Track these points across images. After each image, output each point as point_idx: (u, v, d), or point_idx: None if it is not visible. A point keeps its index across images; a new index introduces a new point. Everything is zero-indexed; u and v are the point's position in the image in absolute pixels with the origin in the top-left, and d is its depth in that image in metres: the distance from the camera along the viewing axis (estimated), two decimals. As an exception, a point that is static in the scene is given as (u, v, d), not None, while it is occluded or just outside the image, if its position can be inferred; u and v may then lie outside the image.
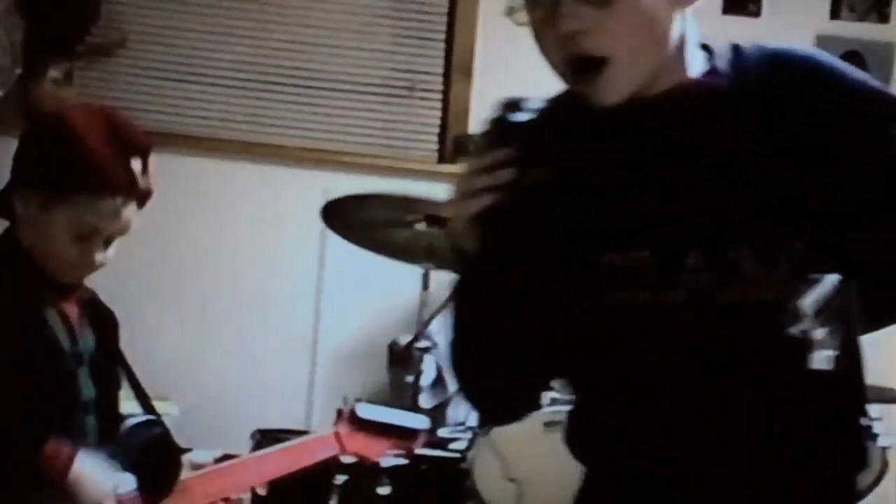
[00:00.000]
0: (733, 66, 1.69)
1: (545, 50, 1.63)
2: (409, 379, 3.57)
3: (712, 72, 1.68)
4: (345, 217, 3.54)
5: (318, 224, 3.68)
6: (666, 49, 1.64)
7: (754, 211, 1.63)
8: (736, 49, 1.71)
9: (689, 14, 1.67)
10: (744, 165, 1.64)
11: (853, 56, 4.74)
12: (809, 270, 1.58)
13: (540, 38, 1.63)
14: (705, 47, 1.71)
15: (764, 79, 1.67)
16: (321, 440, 2.84)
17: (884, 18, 4.77)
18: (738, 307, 1.62)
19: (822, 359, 1.55)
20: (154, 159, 2.53)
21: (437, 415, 3.78)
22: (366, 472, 3.11)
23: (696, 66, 1.68)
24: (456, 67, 4.71)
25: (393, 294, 4.33)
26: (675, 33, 1.64)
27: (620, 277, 1.64)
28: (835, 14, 4.74)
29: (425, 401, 3.58)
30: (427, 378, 3.62)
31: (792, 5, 4.73)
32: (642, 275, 1.64)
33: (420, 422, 2.96)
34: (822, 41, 4.71)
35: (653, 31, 1.62)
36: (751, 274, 1.62)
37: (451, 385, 3.77)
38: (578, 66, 1.60)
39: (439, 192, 3.50)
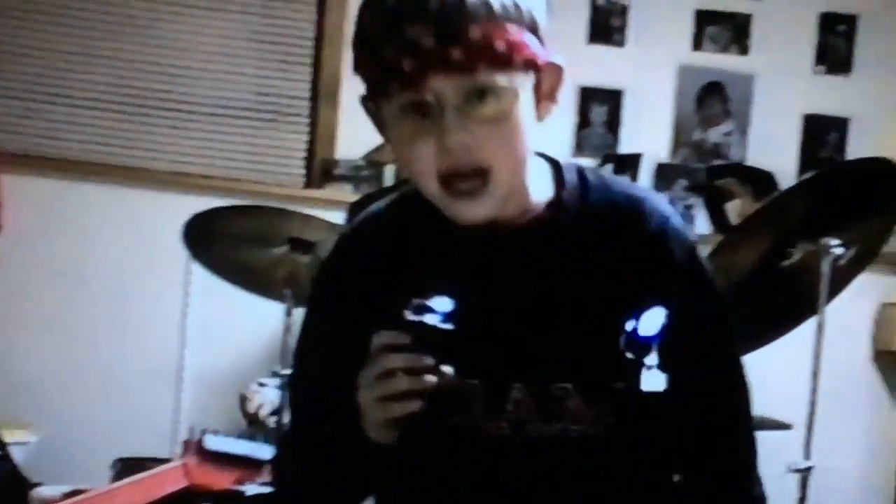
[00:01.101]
0: (578, 203, 1.70)
1: (414, 160, 1.59)
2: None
3: (558, 203, 1.70)
4: (206, 237, 3.50)
5: (184, 249, 3.64)
6: (526, 165, 1.64)
7: (583, 352, 1.66)
8: (583, 182, 1.72)
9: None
10: (574, 305, 1.67)
11: (715, 86, 4.84)
12: (630, 411, 1.66)
13: (410, 145, 1.59)
14: (546, 158, 1.73)
15: (605, 223, 1.69)
16: (169, 472, 2.82)
17: (744, 50, 4.87)
18: (559, 442, 1.67)
19: None
20: (16, 181, 2.48)
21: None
22: (230, 500, 3.08)
23: (538, 184, 1.69)
24: (322, 92, 4.71)
25: (259, 320, 4.31)
26: (529, 154, 1.64)
27: (450, 402, 1.64)
28: (697, 45, 4.83)
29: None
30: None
31: (655, 36, 4.81)
32: (471, 402, 1.66)
33: (265, 451, 2.95)
34: (685, 71, 4.81)
35: (526, 141, 1.62)
36: (573, 410, 1.66)
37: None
38: (455, 177, 1.58)
39: (305, 215, 3.51)
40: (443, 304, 1.55)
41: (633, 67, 4.77)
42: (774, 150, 4.86)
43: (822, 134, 4.90)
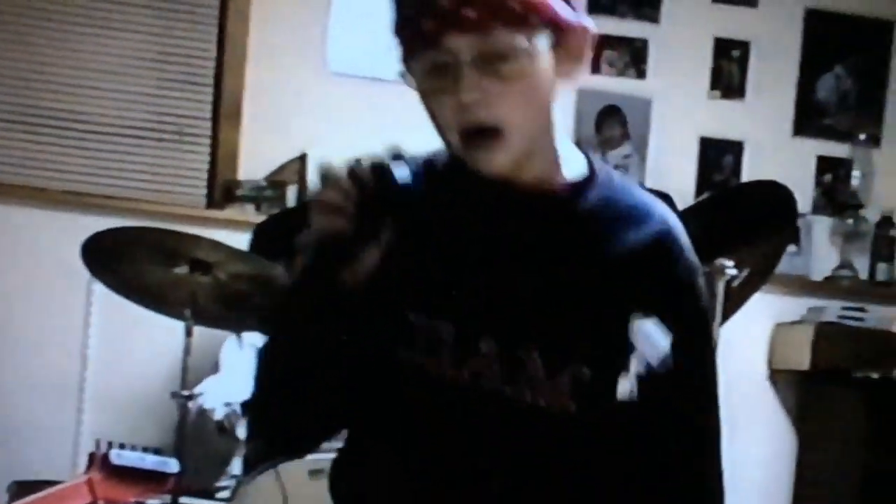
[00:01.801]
0: (604, 196, 1.75)
1: (439, 116, 1.68)
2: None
3: (585, 186, 1.75)
4: (106, 256, 3.48)
5: (85, 269, 3.62)
6: (547, 126, 1.71)
7: (557, 323, 1.70)
8: (612, 179, 1.78)
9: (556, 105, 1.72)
10: (565, 282, 1.71)
11: (613, 109, 4.91)
12: (588, 395, 1.68)
13: (435, 104, 1.68)
14: (583, 151, 1.79)
15: (620, 223, 1.73)
16: (73, 488, 2.79)
17: (641, 74, 4.94)
18: (511, 402, 1.69)
19: None
20: None
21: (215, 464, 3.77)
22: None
23: (571, 164, 1.76)
24: (224, 112, 4.69)
25: (161, 338, 4.28)
26: (552, 114, 1.71)
27: (418, 340, 1.71)
28: (595, 69, 4.90)
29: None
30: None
31: (555, 59, 4.86)
32: (438, 344, 1.70)
33: (171, 465, 2.94)
34: (584, 95, 4.86)
35: (543, 102, 1.68)
36: (532, 377, 1.69)
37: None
38: (473, 133, 1.65)
39: (206, 237, 3.50)
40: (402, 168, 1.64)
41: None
42: (672, 172, 4.93)
43: (717, 157, 4.99)
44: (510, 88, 1.64)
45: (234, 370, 3.94)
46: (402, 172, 1.65)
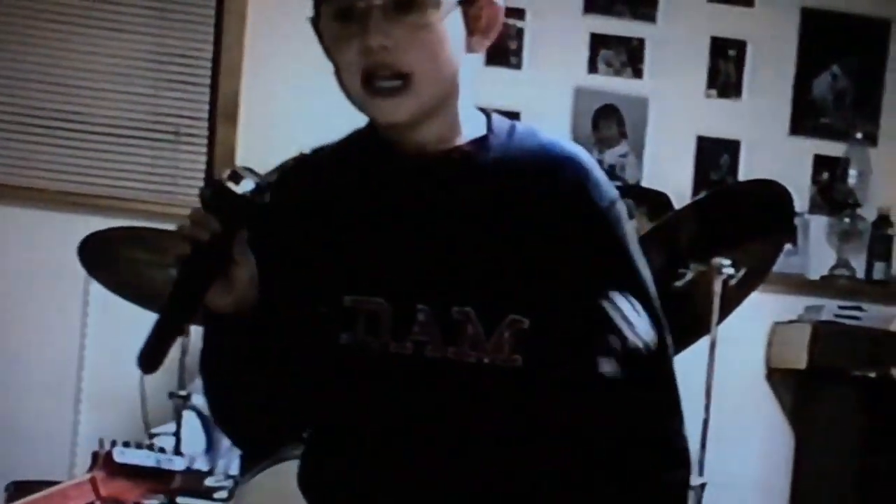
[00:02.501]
0: (504, 145, 1.76)
1: (343, 62, 1.69)
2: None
3: (484, 140, 1.76)
4: (103, 256, 3.48)
5: (82, 268, 3.62)
6: (453, 83, 1.73)
7: (485, 279, 1.71)
8: (512, 129, 1.79)
9: (463, 68, 1.73)
10: (484, 237, 1.72)
11: (610, 109, 4.91)
12: (531, 345, 1.69)
13: (340, 48, 1.69)
14: (485, 112, 1.80)
15: (525, 167, 1.74)
16: (75, 486, 2.78)
17: (638, 74, 4.95)
18: (457, 365, 1.70)
19: None
20: None
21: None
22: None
23: (471, 125, 1.77)
24: (220, 112, 4.69)
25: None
26: (457, 77, 1.73)
27: (356, 321, 1.72)
28: (592, 68, 4.90)
29: (200, 462, 3.56)
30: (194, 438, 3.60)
31: (551, 59, 4.87)
32: (376, 322, 1.72)
33: (176, 463, 2.93)
34: (581, 94, 4.87)
35: (450, 58, 1.70)
36: (472, 336, 1.70)
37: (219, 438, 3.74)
38: (376, 78, 1.67)
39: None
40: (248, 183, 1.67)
41: (530, 90, 4.82)
42: (669, 171, 4.93)
43: (714, 156, 4.99)
44: (418, 37, 1.67)
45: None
46: (246, 185, 1.67)
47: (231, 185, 1.67)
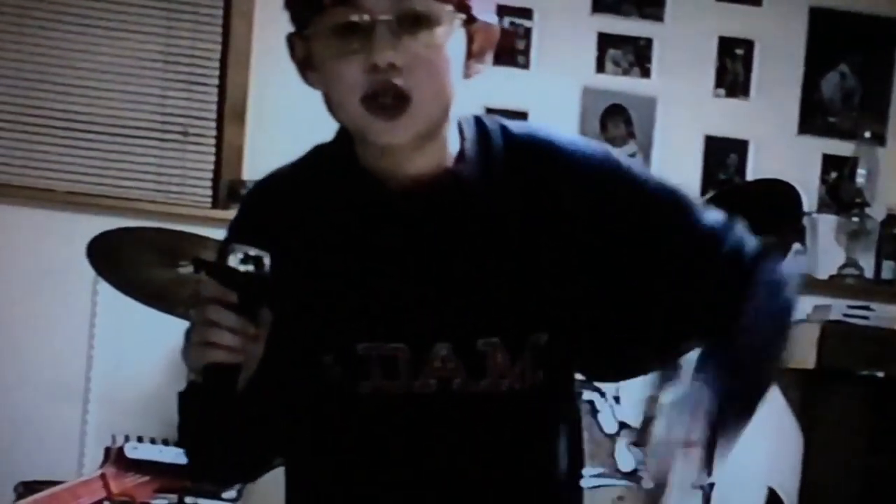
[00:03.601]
0: (480, 154, 1.67)
1: (339, 81, 1.59)
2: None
3: (461, 157, 1.66)
4: (112, 256, 3.48)
5: (90, 268, 3.62)
6: (446, 111, 1.63)
7: (507, 305, 1.64)
8: (481, 129, 1.69)
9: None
10: (496, 259, 1.64)
11: (618, 108, 4.91)
12: (553, 360, 1.65)
13: (338, 65, 1.59)
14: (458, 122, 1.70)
15: (510, 172, 1.66)
16: (85, 484, 2.76)
17: (646, 73, 4.94)
18: (486, 397, 1.65)
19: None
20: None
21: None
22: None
23: (452, 143, 1.66)
24: (228, 112, 4.70)
25: (166, 338, 4.28)
26: (452, 101, 1.63)
27: (372, 368, 1.64)
28: (600, 68, 4.90)
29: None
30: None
31: (559, 59, 4.87)
32: (394, 365, 1.64)
33: None
34: (589, 94, 4.87)
35: (452, 81, 1.61)
36: (499, 365, 1.64)
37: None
38: (378, 98, 1.57)
39: (211, 236, 3.50)
40: (260, 251, 1.53)
41: (538, 89, 4.82)
42: (677, 170, 4.93)
43: (722, 155, 4.99)
44: (424, 57, 1.57)
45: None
46: (239, 262, 1.53)
47: (236, 265, 1.53)
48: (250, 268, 1.53)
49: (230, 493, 3.53)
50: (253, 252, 1.53)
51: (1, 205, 4.57)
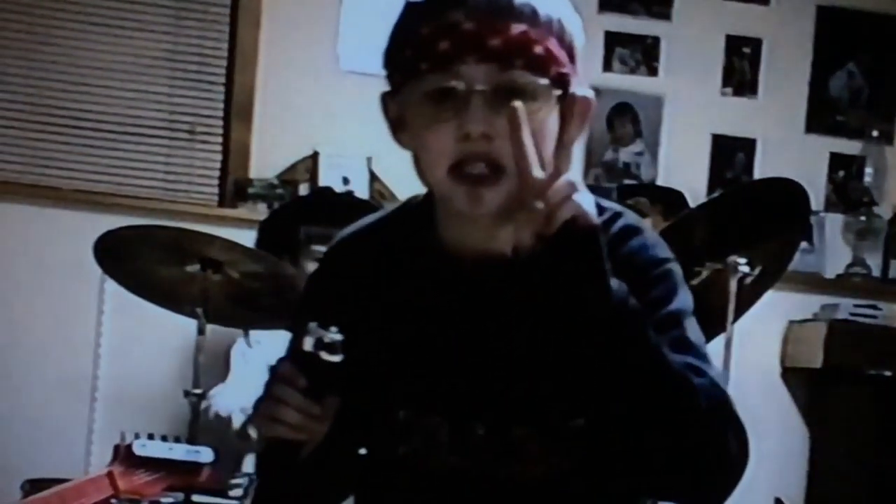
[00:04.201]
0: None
1: (430, 146, 1.57)
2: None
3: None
4: (119, 254, 3.49)
5: (97, 266, 3.62)
6: None
7: (548, 396, 1.62)
8: None
9: None
10: (545, 346, 1.59)
11: (625, 107, 4.91)
12: (587, 445, 1.61)
13: (431, 131, 1.56)
14: None
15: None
16: (92, 481, 2.74)
17: (653, 72, 4.94)
18: (516, 483, 1.65)
19: None
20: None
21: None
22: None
23: None
24: (236, 111, 4.69)
25: (173, 336, 4.29)
26: None
27: (412, 435, 1.66)
28: (607, 67, 4.90)
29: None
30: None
31: (566, 57, 4.86)
32: (433, 436, 1.65)
33: (204, 454, 2.87)
34: (595, 92, 4.85)
35: (545, 156, 1.54)
36: (532, 454, 1.64)
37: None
38: (466, 167, 1.54)
39: (218, 234, 3.51)
40: (335, 336, 1.55)
41: (546, 88, 4.81)
42: (684, 169, 4.93)
43: (729, 154, 4.99)
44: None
45: (243, 375, 3.94)
46: (312, 346, 1.56)
47: (310, 349, 1.55)
48: (323, 353, 1.55)
49: (237, 491, 3.53)
50: (328, 339, 1.55)
51: (8, 203, 4.58)
